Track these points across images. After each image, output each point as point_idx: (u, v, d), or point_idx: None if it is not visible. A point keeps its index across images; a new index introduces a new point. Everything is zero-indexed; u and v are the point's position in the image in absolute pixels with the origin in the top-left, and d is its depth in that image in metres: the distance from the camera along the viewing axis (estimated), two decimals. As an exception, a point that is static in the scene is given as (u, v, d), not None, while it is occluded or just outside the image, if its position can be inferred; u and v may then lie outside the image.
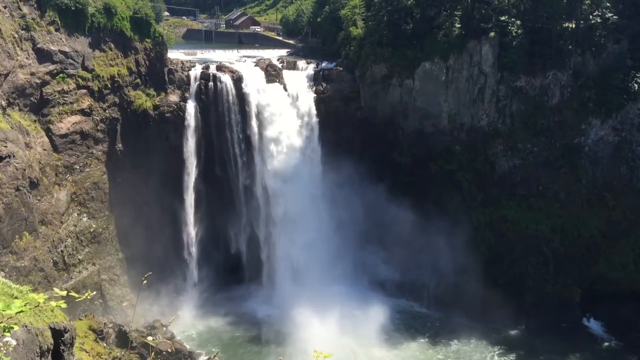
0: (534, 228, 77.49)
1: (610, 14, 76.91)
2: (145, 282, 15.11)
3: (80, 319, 55.91)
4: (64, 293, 9.89)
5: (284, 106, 79.35)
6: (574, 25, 77.92)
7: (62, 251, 66.18)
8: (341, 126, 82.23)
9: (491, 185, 79.22)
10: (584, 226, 78.45)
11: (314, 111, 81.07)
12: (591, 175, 79.87)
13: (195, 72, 77.79)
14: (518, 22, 77.18)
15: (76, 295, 10.04)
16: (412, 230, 76.66)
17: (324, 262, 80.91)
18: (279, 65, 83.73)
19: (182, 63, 79.19)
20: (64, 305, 9.56)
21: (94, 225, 71.61)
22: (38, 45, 63.89)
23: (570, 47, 77.43)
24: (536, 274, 76.43)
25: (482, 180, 79.32)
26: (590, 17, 77.16)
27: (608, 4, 76.95)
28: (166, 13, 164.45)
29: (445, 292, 78.08)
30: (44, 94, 65.21)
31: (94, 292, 67.55)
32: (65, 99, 67.49)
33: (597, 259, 78.52)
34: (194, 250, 79.02)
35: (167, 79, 76.87)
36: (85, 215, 70.96)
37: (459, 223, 76.21)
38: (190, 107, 76.27)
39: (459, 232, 75.73)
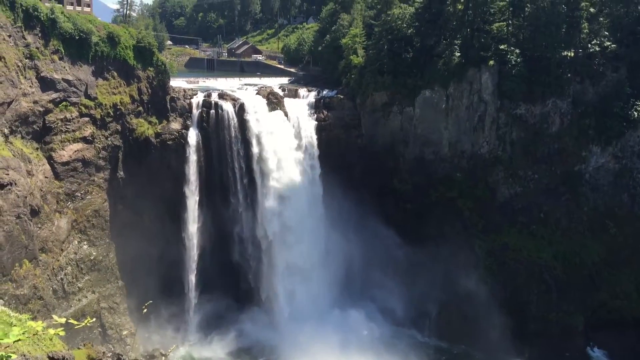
0: (535, 255, 77.10)
1: (608, 43, 77.67)
2: (145, 311, 15.02)
3: (78, 348, 55.12)
4: (63, 320, 9.82)
5: (285, 134, 79.68)
6: (572, 54, 78.66)
7: (61, 279, 65.86)
8: (342, 153, 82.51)
9: (492, 212, 79.07)
10: (586, 253, 78.05)
11: (315, 138, 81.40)
12: (592, 202, 79.76)
13: (197, 100, 78.32)
14: (517, 50, 77.96)
15: (75, 322, 9.96)
16: (413, 258, 76.39)
17: (324, 290, 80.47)
18: (281, 93, 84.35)
19: (184, 91, 79.77)
20: (62, 334, 9.50)
21: (94, 253, 71.37)
22: (42, 74, 64.47)
23: (569, 75, 78.08)
24: (539, 301, 75.81)
25: (483, 208, 79.20)
26: (589, 45, 77.97)
27: (606, 33, 77.76)
28: (169, 42, 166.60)
29: (447, 321, 77.39)
30: (47, 122, 65.59)
31: (94, 319, 67.07)
32: (68, 126, 67.85)
33: (599, 286, 77.94)
34: (194, 279, 78.52)
35: (169, 106, 77.37)
36: (85, 242, 70.77)
37: (460, 250, 75.90)
38: (192, 134, 76.60)
39: (460, 260, 75.39)
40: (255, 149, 77.83)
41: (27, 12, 63.21)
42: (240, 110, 77.61)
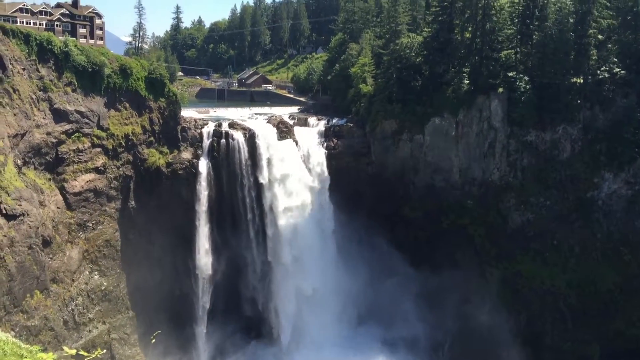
0: (549, 283, 76.08)
1: (617, 69, 77.63)
2: (154, 341, 14.91)
3: (89, 380, 54.89)
4: (73, 352, 9.77)
5: (295, 162, 79.90)
6: (581, 80, 78.67)
7: (72, 310, 65.73)
8: (352, 181, 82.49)
9: (504, 239, 78.35)
10: (600, 281, 76.79)
11: (325, 167, 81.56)
12: (606, 229, 78.76)
13: (208, 129, 78.87)
14: (526, 77, 78.12)
15: (85, 353, 9.91)
16: (425, 286, 75.56)
17: (336, 320, 79.68)
18: (291, 122, 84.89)
19: (195, 121, 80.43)
20: (72, 366, 9.44)
21: (105, 283, 71.32)
22: (55, 106, 65.35)
23: (579, 101, 77.92)
24: (554, 331, 74.57)
25: (495, 235, 78.54)
26: (598, 72, 77.95)
27: (615, 59, 77.79)
28: (180, 73, 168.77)
29: (461, 351, 76.13)
30: (59, 153, 66.26)
31: (104, 351, 66.73)
32: (80, 157, 68.50)
33: (615, 315, 76.49)
34: (205, 308, 78.06)
35: (180, 136, 77.96)
36: (96, 273, 70.80)
37: (472, 278, 75.06)
38: (203, 164, 76.98)
39: (473, 288, 74.49)
40: (265, 178, 77.98)
41: (41, 45, 64.37)
42: (251, 139, 78.01)
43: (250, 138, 78.00)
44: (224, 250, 78.46)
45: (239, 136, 77.65)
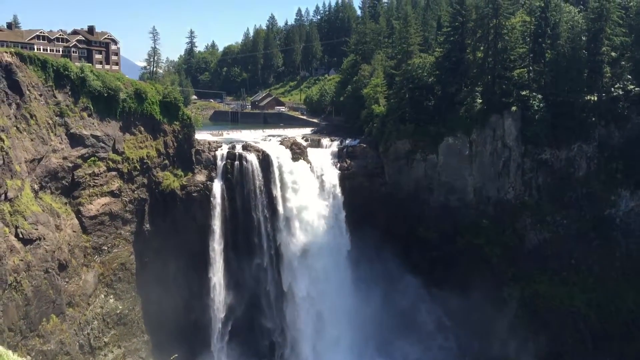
0: (568, 303, 74.84)
1: (632, 86, 77.16)
2: (172, 365, 14.81)
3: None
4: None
5: (309, 183, 79.93)
6: (595, 98, 78.26)
7: (88, 334, 65.76)
8: (366, 201, 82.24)
9: (521, 259, 77.43)
10: (621, 301, 75.39)
11: (338, 187, 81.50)
12: (625, 247, 77.53)
13: (222, 152, 79.25)
14: (539, 96, 77.86)
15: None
16: (442, 309, 74.76)
17: (349, 340, 78.99)
18: (304, 144, 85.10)
19: (209, 143, 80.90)
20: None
21: (120, 307, 71.32)
22: (71, 130, 66.11)
23: (593, 119, 77.40)
24: (574, 352, 73.18)
25: (511, 255, 77.67)
26: (612, 89, 77.53)
27: (629, 76, 77.38)
28: (194, 96, 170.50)
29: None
30: (75, 177, 66.84)
31: (119, 376, 66.54)
32: (96, 181, 69.03)
33: (636, 335, 74.96)
34: (221, 331, 77.68)
35: (194, 159, 78.39)
36: (112, 296, 70.87)
37: (489, 299, 74.10)
38: (217, 186, 77.23)
39: (490, 310, 73.48)
40: (279, 199, 78.02)
41: (57, 71, 65.37)
42: (264, 161, 78.22)
43: (264, 160, 78.22)
44: (239, 271, 78.31)
45: (252, 158, 77.92)
